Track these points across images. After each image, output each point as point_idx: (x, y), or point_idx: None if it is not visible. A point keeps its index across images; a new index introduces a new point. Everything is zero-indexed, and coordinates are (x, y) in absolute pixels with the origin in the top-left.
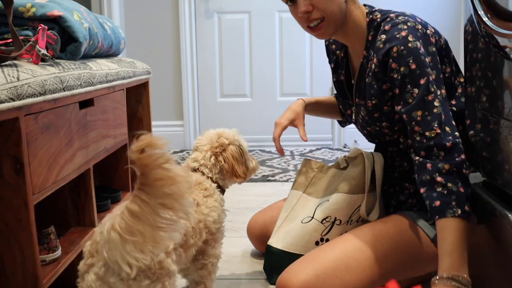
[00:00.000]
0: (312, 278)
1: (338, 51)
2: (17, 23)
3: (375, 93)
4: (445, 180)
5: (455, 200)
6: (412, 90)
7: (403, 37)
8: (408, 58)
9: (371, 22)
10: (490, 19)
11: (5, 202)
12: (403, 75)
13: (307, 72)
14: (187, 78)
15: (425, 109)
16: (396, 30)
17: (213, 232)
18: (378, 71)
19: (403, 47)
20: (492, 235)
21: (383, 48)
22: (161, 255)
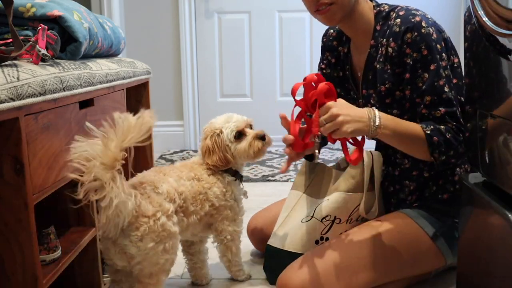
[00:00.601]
0: (312, 277)
1: (340, 47)
2: (17, 23)
3: (389, 77)
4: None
5: (433, 126)
6: (423, 75)
7: (418, 22)
8: (421, 44)
9: (378, 13)
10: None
11: (5, 202)
12: (415, 60)
13: (307, 72)
14: (187, 78)
15: (434, 94)
16: (411, 15)
17: (217, 207)
18: (395, 55)
19: (416, 33)
20: (492, 235)
21: (399, 32)
22: (163, 218)
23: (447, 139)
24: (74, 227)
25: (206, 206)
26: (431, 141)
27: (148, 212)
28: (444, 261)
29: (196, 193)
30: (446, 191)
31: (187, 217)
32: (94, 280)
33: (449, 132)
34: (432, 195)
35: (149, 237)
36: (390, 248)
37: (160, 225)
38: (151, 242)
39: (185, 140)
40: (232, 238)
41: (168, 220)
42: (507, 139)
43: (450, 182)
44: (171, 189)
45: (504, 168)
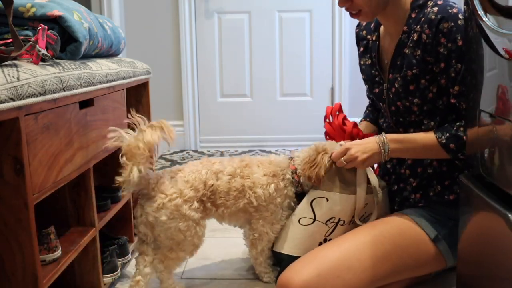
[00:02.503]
0: (313, 277)
1: (369, 35)
2: (17, 23)
3: (418, 63)
4: None
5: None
6: (456, 65)
7: (455, 13)
8: (456, 34)
9: (415, 1)
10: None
11: (5, 202)
12: (450, 50)
13: (307, 72)
14: (187, 78)
15: (463, 85)
16: (448, 6)
17: (256, 206)
18: (429, 43)
19: (453, 24)
20: (492, 235)
21: (435, 20)
22: (178, 200)
23: (465, 141)
24: (74, 227)
25: (240, 203)
26: (449, 149)
27: (167, 191)
28: (445, 263)
29: (231, 188)
30: (453, 192)
31: (216, 208)
32: (94, 280)
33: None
34: (437, 195)
35: (163, 212)
36: (391, 249)
37: (174, 204)
38: (164, 216)
39: (185, 140)
40: (260, 237)
41: (184, 204)
42: (507, 139)
43: (457, 184)
44: (197, 179)
45: (503, 168)
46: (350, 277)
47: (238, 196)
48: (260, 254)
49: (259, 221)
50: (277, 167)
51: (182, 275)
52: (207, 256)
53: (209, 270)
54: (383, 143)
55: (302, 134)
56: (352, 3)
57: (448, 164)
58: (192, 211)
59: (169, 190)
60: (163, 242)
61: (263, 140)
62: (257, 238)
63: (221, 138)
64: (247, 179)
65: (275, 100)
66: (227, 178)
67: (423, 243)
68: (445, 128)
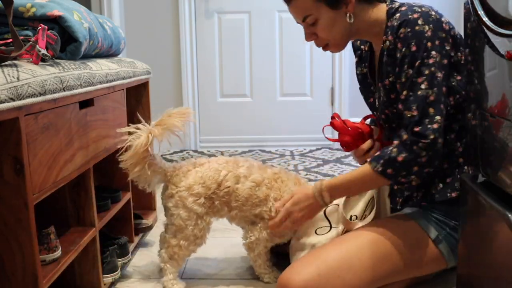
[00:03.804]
0: (314, 277)
1: (362, 45)
2: (17, 23)
3: (391, 70)
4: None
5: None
6: (407, 71)
7: (414, 18)
8: (411, 40)
9: (389, 10)
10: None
11: (5, 202)
12: (403, 55)
13: (307, 72)
14: (187, 78)
15: (410, 90)
16: (410, 11)
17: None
18: (392, 49)
19: (409, 29)
20: (492, 235)
21: (396, 25)
22: (185, 193)
23: (402, 161)
24: (74, 227)
25: (257, 209)
26: (387, 174)
27: (177, 184)
28: (445, 264)
29: (252, 196)
30: (455, 189)
31: (229, 209)
32: (94, 280)
33: (403, 151)
34: (439, 193)
35: (171, 200)
36: (392, 250)
37: (179, 196)
38: (171, 203)
39: (185, 140)
40: (257, 241)
41: (190, 197)
42: (507, 139)
43: (459, 180)
44: (211, 178)
45: (504, 168)
46: (350, 277)
47: (258, 204)
48: (258, 256)
49: (266, 229)
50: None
51: (182, 275)
52: (207, 256)
53: (209, 270)
54: (320, 195)
55: (302, 134)
56: (317, 37)
57: (449, 161)
58: (196, 205)
59: (179, 183)
60: (169, 227)
61: (263, 140)
62: (253, 242)
63: (221, 138)
64: (276, 191)
65: (275, 100)
66: (250, 184)
67: (424, 243)
68: (379, 155)
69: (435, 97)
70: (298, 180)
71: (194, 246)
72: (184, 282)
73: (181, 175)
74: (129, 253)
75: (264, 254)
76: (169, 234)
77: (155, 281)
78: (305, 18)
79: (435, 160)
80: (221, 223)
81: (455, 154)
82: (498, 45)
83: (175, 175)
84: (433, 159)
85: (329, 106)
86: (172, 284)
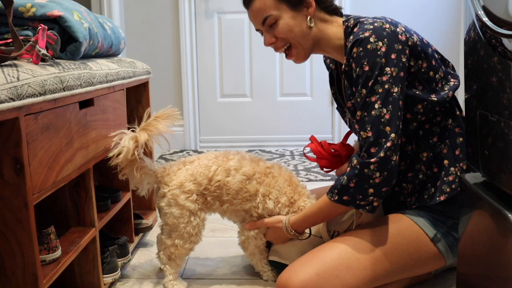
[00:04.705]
0: (312, 277)
1: (331, 64)
2: (17, 23)
3: (351, 92)
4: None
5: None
6: (361, 91)
7: (365, 37)
8: (363, 60)
9: (346, 29)
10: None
11: (5, 202)
12: (357, 75)
13: (307, 72)
14: (187, 78)
15: (364, 110)
16: (362, 30)
17: (260, 213)
18: (348, 70)
19: (361, 48)
20: (492, 235)
21: (350, 47)
22: (176, 191)
23: (354, 187)
24: (74, 227)
25: (247, 205)
26: (344, 201)
27: (168, 183)
28: (444, 262)
29: (242, 189)
30: (443, 193)
31: (221, 203)
32: (94, 280)
33: (353, 176)
34: (430, 197)
35: (164, 199)
36: (390, 249)
37: (172, 194)
38: (163, 203)
39: (185, 140)
40: (247, 241)
41: (182, 194)
42: (507, 139)
43: (446, 183)
44: (202, 175)
45: (504, 168)
46: (349, 276)
47: (248, 198)
48: (252, 255)
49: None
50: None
51: (183, 275)
52: (207, 255)
53: (209, 270)
54: (286, 228)
55: (302, 134)
56: (277, 40)
57: (438, 164)
58: (189, 202)
59: (170, 182)
60: (163, 227)
61: (263, 140)
62: (244, 241)
63: (221, 138)
64: (265, 186)
65: (275, 100)
66: (241, 177)
67: (422, 242)
68: (333, 185)
69: (390, 114)
70: (290, 179)
71: (190, 244)
72: (185, 282)
73: (171, 174)
74: (129, 253)
75: (259, 252)
76: (165, 235)
77: (155, 281)
78: (265, 20)
79: (391, 179)
80: (221, 223)
81: (440, 157)
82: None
83: (166, 175)
84: (388, 178)
85: (329, 106)
86: (173, 285)
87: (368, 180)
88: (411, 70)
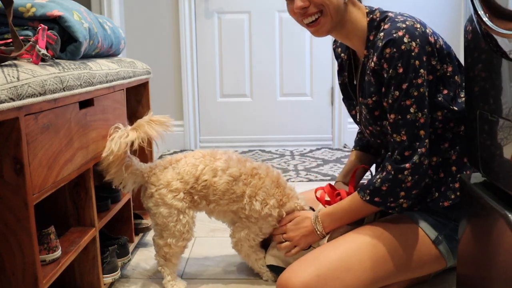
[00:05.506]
0: (313, 278)
1: (342, 54)
2: (17, 23)
3: (375, 90)
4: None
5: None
6: (394, 92)
7: (399, 37)
8: (397, 61)
9: (371, 21)
10: (489, 19)
11: (5, 202)
12: (390, 76)
13: (307, 72)
14: (187, 78)
15: (398, 113)
16: (394, 28)
17: (247, 214)
18: (378, 69)
19: (395, 49)
20: (492, 235)
21: (381, 46)
22: (163, 190)
23: (387, 190)
24: (74, 227)
25: (234, 205)
26: (375, 202)
27: (156, 183)
28: (445, 264)
29: (229, 190)
30: (447, 199)
31: (207, 203)
32: (94, 280)
33: (386, 181)
34: (433, 202)
35: (151, 200)
36: (391, 250)
37: (159, 193)
38: (151, 203)
39: (185, 140)
40: (238, 242)
41: (169, 193)
42: (507, 139)
43: (452, 189)
44: (189, 173)
45: (504, 168)
46: (349, 278)
47: (235, 199)
48: (247, 257)
49: (244, 229)
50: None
51: (183, 275)
52: (207, 255)
53: (209, 270)
54: (316, 222)
55: (302, 134)
56: (310, 4)
57: (444, 170)
58: (176, 200)
59: (157, 182)
60: (155, 228)
61: (263, 140)
62: (237, 243)
63: (221, 138)
64: (252, 188)
65: (275, 100)
66: (227, 178)
67: (424, 244)
68: (366, 185)
69: (425, 118)
70: (277, 179)
71: (182, 241)
72: (184, 282)
73: (158, 173)
74: (129, 253)
75: (253, 253)
76: (157, 236)
77: (155, 281)
78: None
79: (422, 182)
80: (221, 223)
81: (449, 163)
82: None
83: (152, 174)
84: (419, 181)
85: (329, 106)
86: (172, 285)
87: (401, 185)
88: (437, 74)
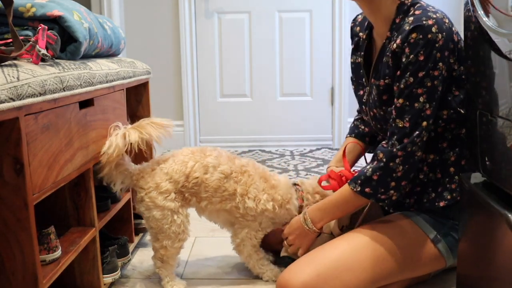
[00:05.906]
0: (312, 278)
1: (361, 33)
2: (17, 23)
3: (390, 72)
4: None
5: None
6: (408, 78)
7: (429, 25)
8: (421, 48)
9: (401, 5)
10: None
11: (5, 202)
12: (409, 62)
13: (307, 72)
14: (187, 78)
15: (407, 100)
16: (425, 16)
17: (242, 213)
18: (399, 51)
19: (421, 36)
20: (492, 235)
21: (407, 30)
22: (153, 193)
23: (378, 179)
24: (74, 227)
25: (227, 204)
26: (366, 194)
27: (144, 186)
28: (444, 263)
29: (220, 187)
30: (443, 199)
31: (198, 200)
32: (94, 280)
33: (377, 169)
34: (430, 202)
35: (142, 204)
36: (391, 250)
37: (149, 197)
38: (143, 207)
39: (185, 140)
40: (243, 243)
41: (159, 195)
42: (507, 139)
43: (449, 190)
44: (178, 172)
45: (504, 168)
46: (349, 278)
47: (228, 197)
48: (250, 258)
49: (244, 229)
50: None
51: (182, 275)
52: (207, 255)
53: (209, 270)
54: (304, 220)
55: (302, 134)
56: None
57: (442, 170)
58: (168, 201)
59: (146, 185)
60: (149, 231)
61: (263, 140)
62: (239, 244)
63: (221, 138)
64: (242, 185)
65: (275, 100)
66: (219, 175)
67: (423, 243)
68: (357, 176)
69: (431, 112)
70: (265, 175)
71: (178, 242)
72: (184, 281)
73: (146, 176)
74: (129, 253)
75: (255, 253)
76: (152, 238)
77: (155, 281)
78: None
79: (410, 173)
80: None
81: (447, 164)
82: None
83: (141, 177)
84: (408, 172)
85: (329, 106)
86: (171, 285)
87: (392, 174)
88: (453, 73)
